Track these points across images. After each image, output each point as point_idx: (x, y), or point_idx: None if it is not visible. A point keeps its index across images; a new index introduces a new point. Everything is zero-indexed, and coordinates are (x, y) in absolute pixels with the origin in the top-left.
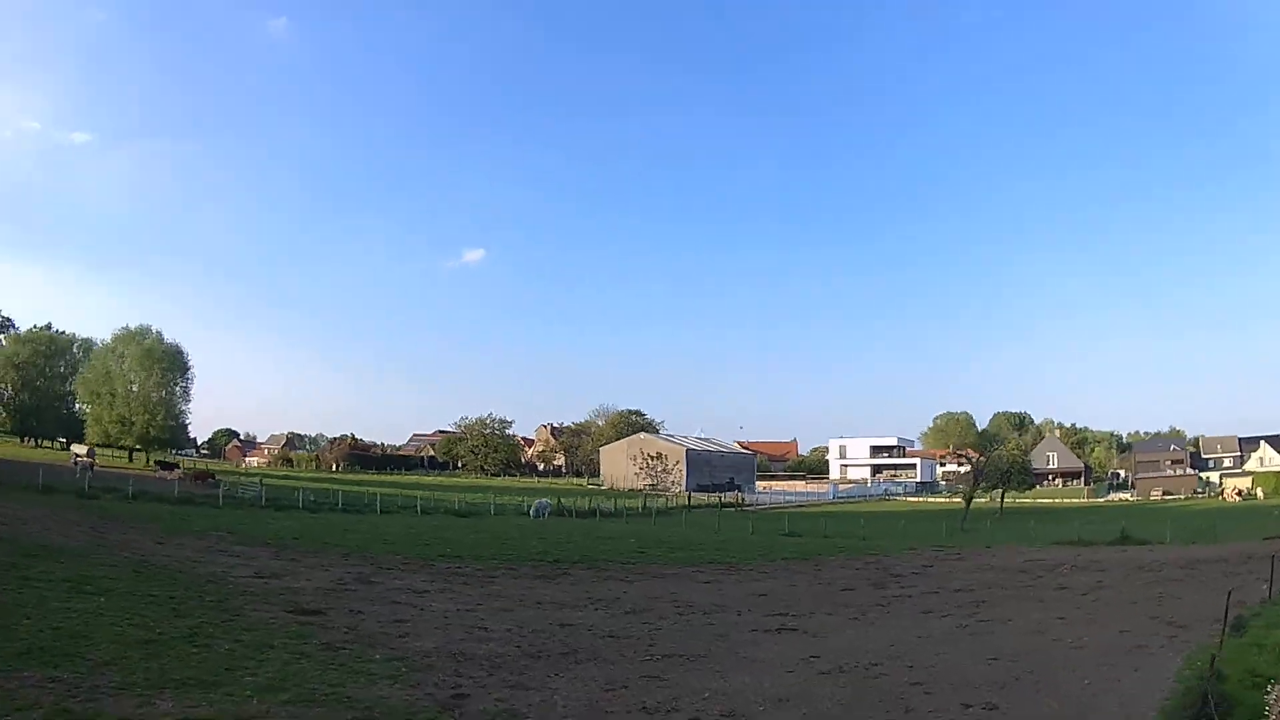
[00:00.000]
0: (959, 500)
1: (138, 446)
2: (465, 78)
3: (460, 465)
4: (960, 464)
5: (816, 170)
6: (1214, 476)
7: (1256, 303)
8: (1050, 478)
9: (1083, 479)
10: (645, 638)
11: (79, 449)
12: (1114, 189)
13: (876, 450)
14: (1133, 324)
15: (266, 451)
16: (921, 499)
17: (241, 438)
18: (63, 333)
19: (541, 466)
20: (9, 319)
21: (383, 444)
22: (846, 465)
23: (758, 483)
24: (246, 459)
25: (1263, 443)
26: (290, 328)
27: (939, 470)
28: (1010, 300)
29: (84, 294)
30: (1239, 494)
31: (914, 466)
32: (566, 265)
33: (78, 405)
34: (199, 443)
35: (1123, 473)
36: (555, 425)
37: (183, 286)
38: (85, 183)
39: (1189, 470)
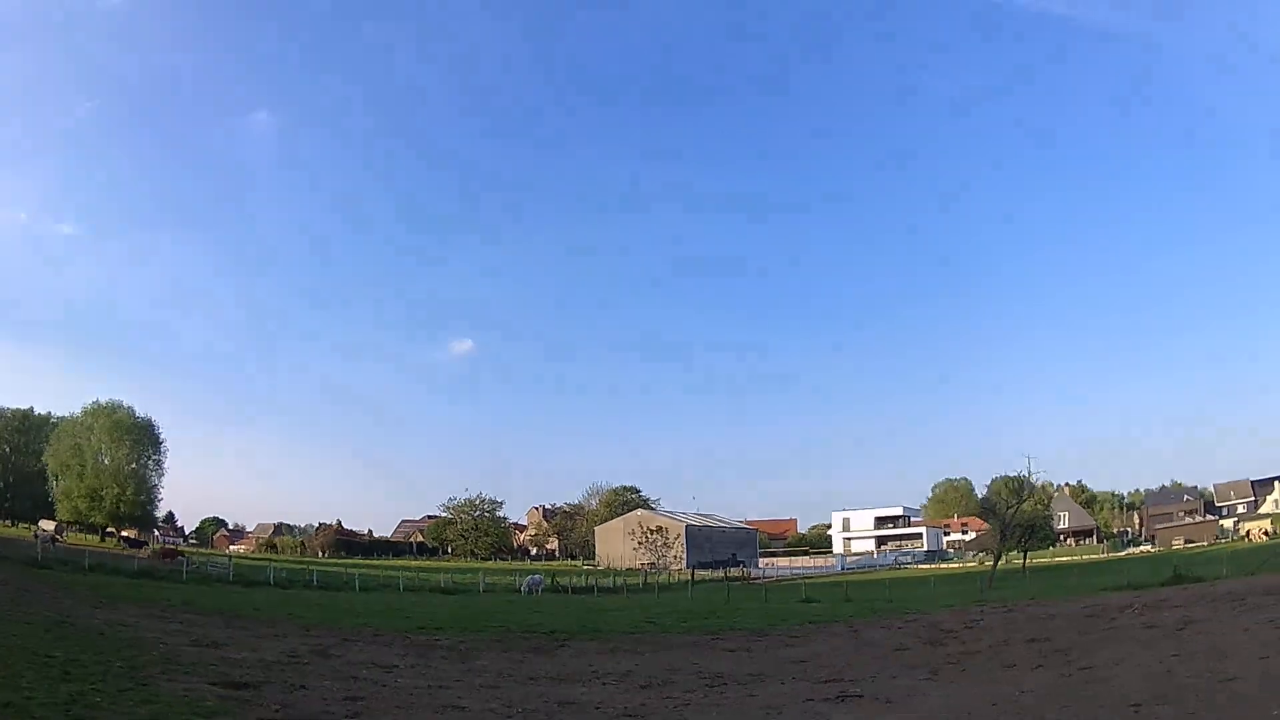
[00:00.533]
0: (973, 565)
1: (109, 526)
2: (449, 168)
3: (450, 550)
4: (965, 531)
5: (799, 253)
6: (1227, 524)
7: (1240, 348)
8: (1063, 537)
9: (1094, 537)
10: (671, 716)
11: (47, 524)
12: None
13: (881, 521)
14: (1125, 385)
15: (255, 540)
16: (934, 566)
17: (230, 527)
18: (39, 415)
19: (534, 551)
20: None
21: (370, 531)
22: (850, 538)
23: (760, 560)
24: (233, 546)
25: (1277, 483)
26: (281, 422)
27: (945, 539)
28: (997, 364)
29: (66, 385)
30: (1265, 534)
31: (920, 535)
32: (553, 352)
33: (50, 482)
34: (186, 532)
35: (1129, 530)
36: (547, 507)
37: (171, 379)
38: (70, 273)
39: (1206, 517)
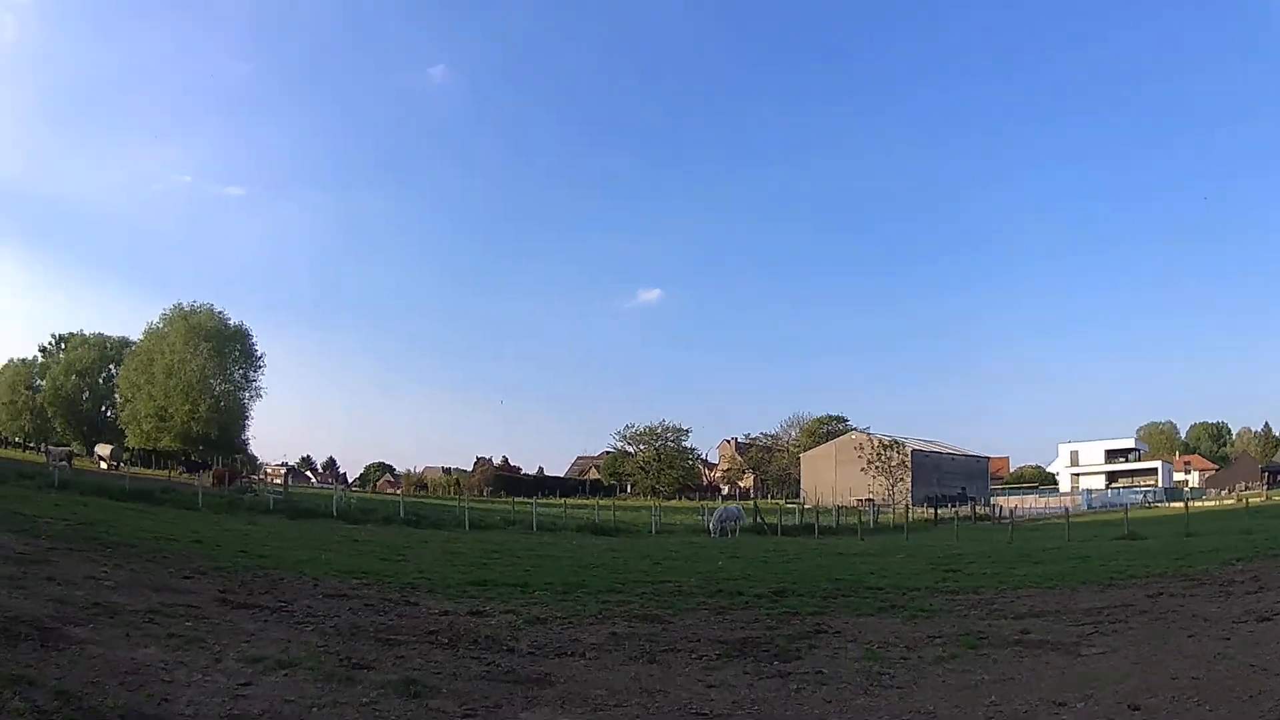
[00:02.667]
0: (1231, 501)
1: (182, 449)
2: (616, 122)
3: (629, 488)
4: (1187, 470)
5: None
6: None
7: None
8: None
9: None
10: None
11: (102, 450)
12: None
13: (1112, 455)
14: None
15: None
16: (1200, 504)
17: (396, 472)
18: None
19: (726, 490)
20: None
21: (541, 468)
22: (1080, 473)
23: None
24: (391, 490)
25: None
26: (458, 370)
27: (1176, 476)
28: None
29: None
30: None
31: (1154, 471)
32: (747, 295)
33: (122, 406)
34: (349, 478)
35: None
36: (740, 439)
37: (349, 337)
38: (237, 234)
39: None
